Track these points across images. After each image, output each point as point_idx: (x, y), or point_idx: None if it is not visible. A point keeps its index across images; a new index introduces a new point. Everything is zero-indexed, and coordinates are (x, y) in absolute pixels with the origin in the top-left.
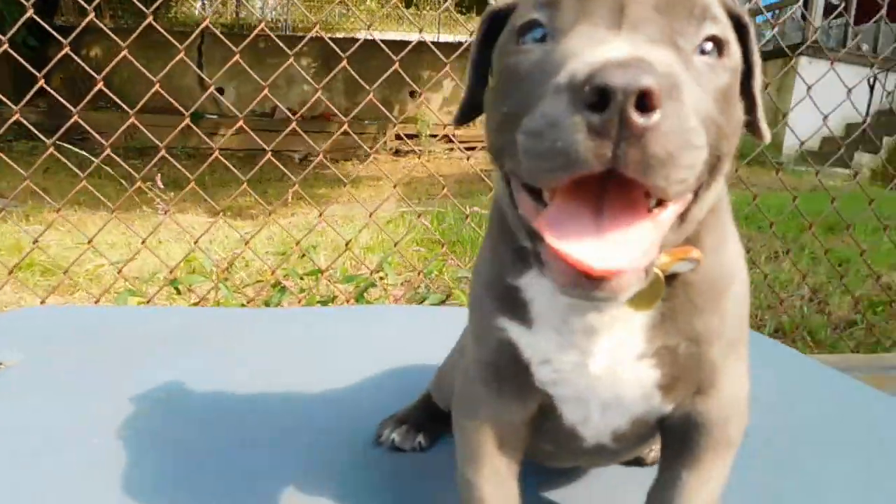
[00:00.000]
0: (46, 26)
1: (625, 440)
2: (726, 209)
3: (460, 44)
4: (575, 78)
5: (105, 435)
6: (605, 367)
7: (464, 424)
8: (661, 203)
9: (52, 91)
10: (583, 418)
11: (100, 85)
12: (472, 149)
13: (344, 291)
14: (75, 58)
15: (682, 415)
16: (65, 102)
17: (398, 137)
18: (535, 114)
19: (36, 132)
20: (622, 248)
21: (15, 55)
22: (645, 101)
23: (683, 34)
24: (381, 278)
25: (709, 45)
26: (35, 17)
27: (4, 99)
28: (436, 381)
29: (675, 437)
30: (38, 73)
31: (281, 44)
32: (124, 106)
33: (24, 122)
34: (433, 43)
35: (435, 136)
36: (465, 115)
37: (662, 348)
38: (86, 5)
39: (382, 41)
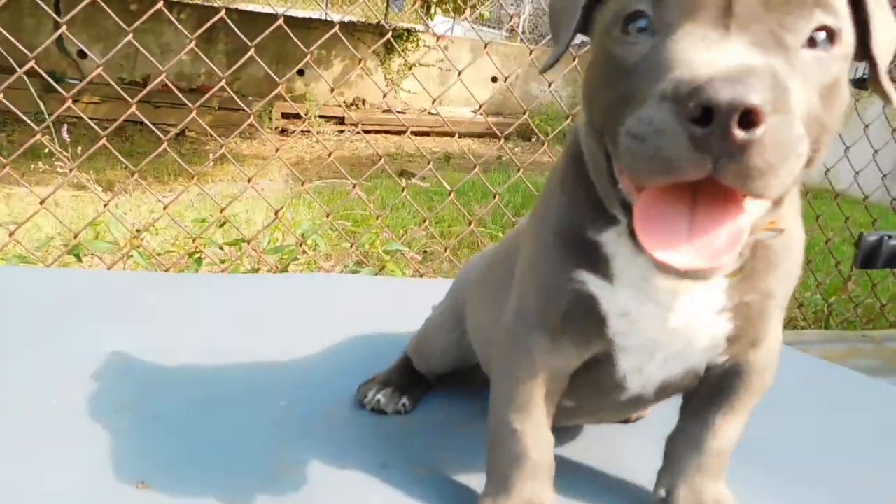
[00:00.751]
0: None
1: (665, 392)
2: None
3: (351, 23)
4: (680, 90)
5: (62, 403)
6: (683, 321)
7: (513, 373)
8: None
9: None
10: (637, 368)
11: None
12: (367, 132)
13: (268, 263)
14: None
15: (729, 365)
16: None
17: (285, 116)
18: (640, 116)
19: None
20: (708, 249)
21: None
22: (749, 118)
23: (792, 29)
24: (312, 249)
25: (820, 35)
26: None
27: None
28: (415, 346)
29: (711, 385)
30: None
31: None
32: None
33: None
34: (321, 21)
35: (325, 117)
36: (549, 66)
37: (741, 304)
38: None
39: (267, 15)
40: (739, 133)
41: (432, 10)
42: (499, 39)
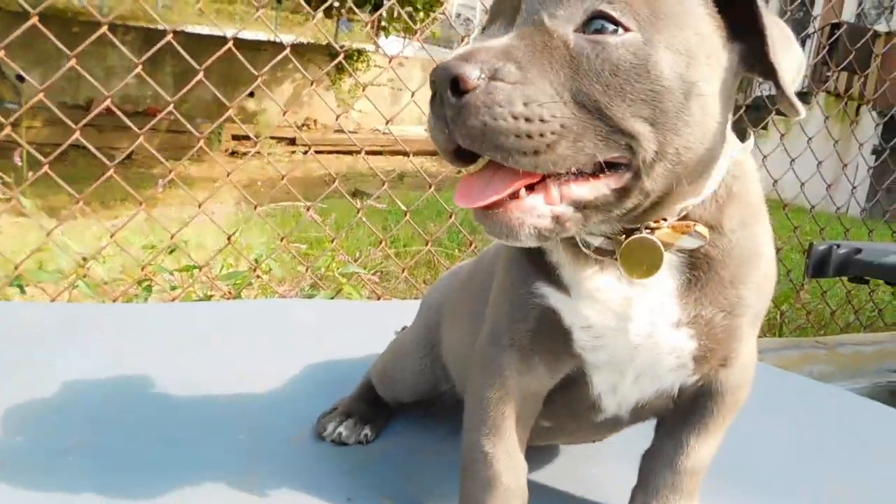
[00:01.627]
0: None
1: (640, 414)
2: (754, 193)
3: (300, 44)
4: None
5: (5, 446)
6: (644, 333)
7: (487, 396)
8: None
9: None
10: (612, 387)
11: None
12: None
13: (220, 289)
14: None
15: (701, 384)
16: None
17: (235, 138)
18: None
19: None
20: (487, 191)
21: None
22: (458, 87)
23: (563, 17)
24: (266, 273)
25: (599, 23)
26: None
27: None
28: (380, 373)
29: (685, 405)
30: None
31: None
32: None
33: None
34: (271, 42)
35: (276, 138)
36: None
37: (698, 317)
38: None
39: (214, 37)
40: (451, 98)
41: (384, 30)
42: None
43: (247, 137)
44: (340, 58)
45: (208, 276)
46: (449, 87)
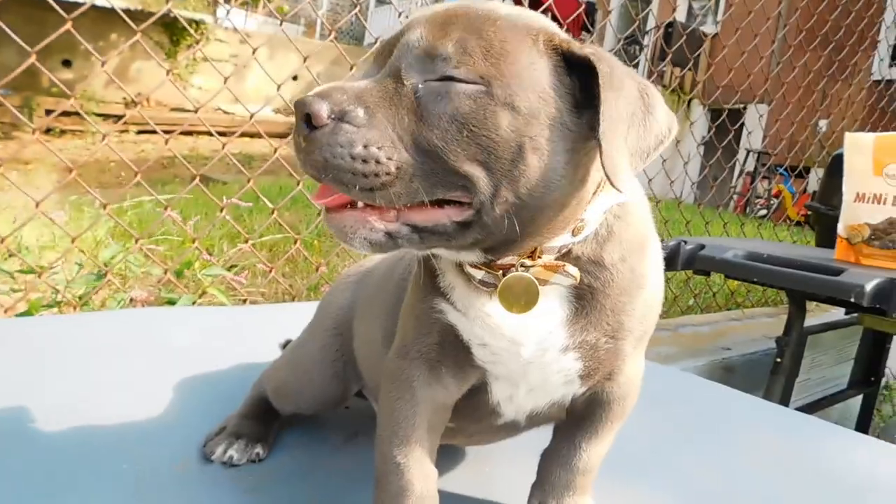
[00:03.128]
0: None
1: (536, 420)
2: (635, 231)
3: (127, 10)
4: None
5: None
6: (534, 353)
7: (397, 407)
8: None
9: None
10: (508, 397)
11: None
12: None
13: (64, 297)
14: None
15: (590, 394)
16: None
17: (49, 112)
18: None
19: None
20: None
21: None
22: (310, 121)
23: (419, 69)
24: (118, 275)
25: (442, 77)
26: None
27: None
28: (278, 386)
29: (577, 411)
30: None
31: None
32: None
33: None
34: (92, 7)
35: (101, 115)
36: None
37: (584, 342)
38: None
39: None
40: (303, 128)
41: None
42: (296, 35)
43: (65, 114)
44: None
45: (48, 282)
46: (304, 120)
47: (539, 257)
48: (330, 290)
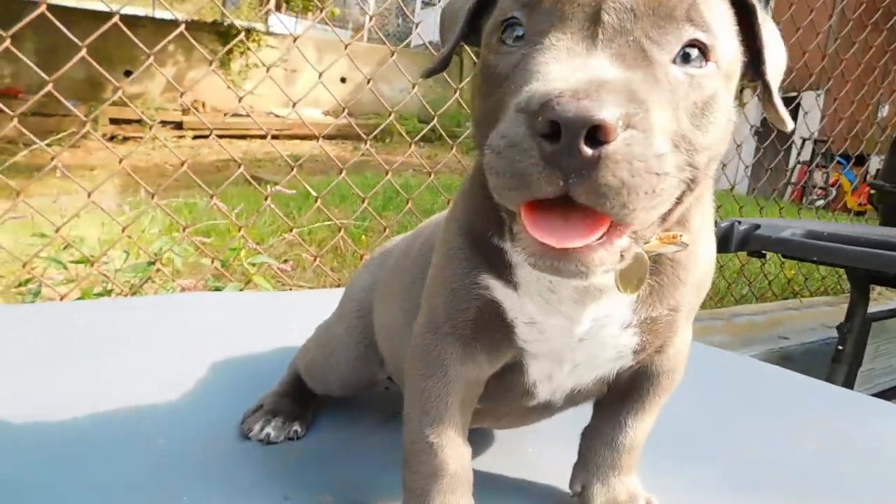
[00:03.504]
0: None
1: (575, 399)
2: (709, 191)
3: (183, 21)
4: (531, 104)
5: None
6: (589, 331)
7: (426, 385)
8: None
9: None
10: (547, 376)
11: None
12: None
13: (117, 285)
14: None
15: (637, 368)
16: None
17: (114, 122)
18: (499, 130)
19: None
20: (580, 232)
21: None
22: (597, 134)
23: (660, 42)
24: (167, 265)
25: (693, 52)
26: None
27: None
28: (309, 366)
29: (621, 386)
30: None
31: None
32: None
33: None
34: (149, 19)
35: (160, 122)
36: (434, 72)
37: (647, 319)
38: None
39: (82, 11)
40: (586, 149)
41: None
42: (344, 38)
43: (126, 121)
44: (241, 36)
45: (100, 270)
46: (585, 133)
47: None
48: (355, 272)
